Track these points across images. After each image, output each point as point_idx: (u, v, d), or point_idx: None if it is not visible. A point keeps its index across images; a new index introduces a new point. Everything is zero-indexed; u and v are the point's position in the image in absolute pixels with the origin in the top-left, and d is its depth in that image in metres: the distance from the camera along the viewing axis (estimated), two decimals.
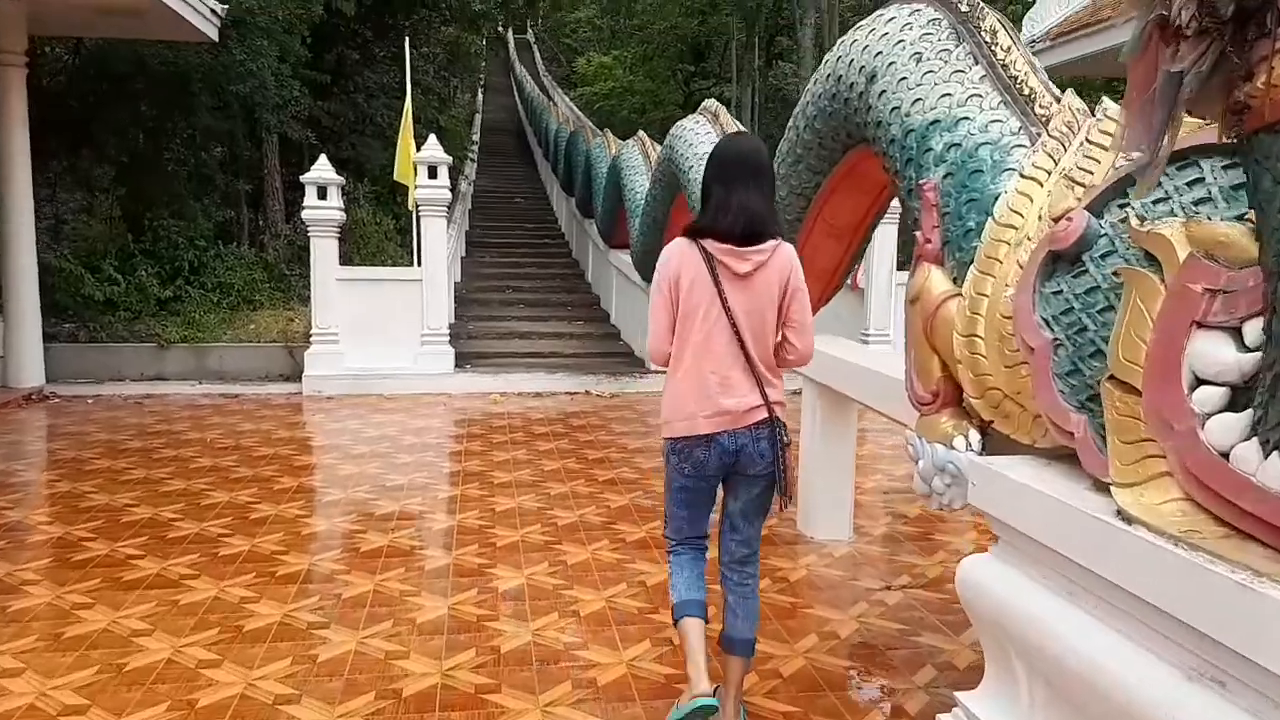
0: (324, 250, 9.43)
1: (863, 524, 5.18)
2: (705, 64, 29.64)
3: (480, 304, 13.46)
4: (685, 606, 2.98)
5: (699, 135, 7.17)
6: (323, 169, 9.44)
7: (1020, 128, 3.00)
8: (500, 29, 39.94)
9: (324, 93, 14.79)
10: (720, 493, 3.08)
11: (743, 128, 7.01)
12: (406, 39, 10.36)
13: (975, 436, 2.71)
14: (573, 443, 7.35)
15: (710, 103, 7.42)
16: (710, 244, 2.89)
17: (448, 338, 9.83)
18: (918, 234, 3.14)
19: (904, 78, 3.46)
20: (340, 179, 9.50)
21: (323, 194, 9.37)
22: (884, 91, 3.56)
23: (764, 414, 2.91)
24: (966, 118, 3.12)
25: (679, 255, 2.94)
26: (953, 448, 2.73)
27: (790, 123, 4.79)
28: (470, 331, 11.96)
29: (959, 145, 3.08)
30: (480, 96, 32.68)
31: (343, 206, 9.55)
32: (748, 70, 23.72)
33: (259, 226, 13.70)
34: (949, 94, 3.24)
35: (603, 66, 30.01)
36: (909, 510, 5.61)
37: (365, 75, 15.00)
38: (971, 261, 2.82)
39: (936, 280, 2.96)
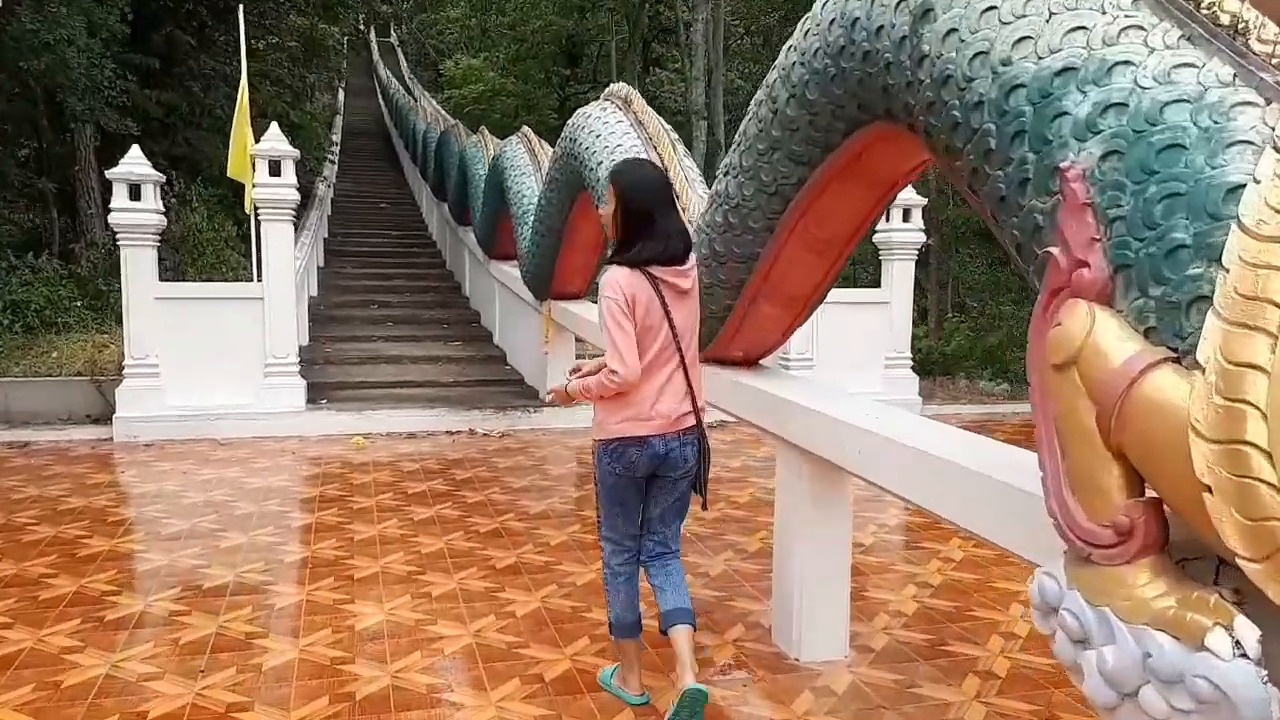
0: (139, 262, 7.67)
1: (859, 631, 3.96)
2: (580, 68, 28.45)
3: (340, 322, 11.79)
4: (627, 629, 3.30)
5: (608, 125, 5.88)
6: (135, 162, 7.68)
7: (1234, 76, 1.81)
8: (362, 27, 37.87)
9: (153, 79, 12.82)
10: None
11: (653, 113, 5.79)
12: (240, 6, 8.64)
13: (1250, 633, 1.48)
14: (458, 506, 5.91)
15: (619, 86, 6.15)
16: (655, 268, 3.14)
17: (297, 367, 8.20)
18: (1051, 252, 1.92)
19: (992, 6, 2.24)
20: (157, 175, 7.76)
21: (136, 193, 7.62)
22: (952, 31, 2.34)
23: (692, 420, 3.24)
24: (1126, 62, 1.92)
25: (628, 281, 3.11)
26: (1204, 648, 1.50)
27: (758, 99, 3.55)
28: (328, 355, 10.31)
29: (1124, 107, 1.87)
30: (342, 97, 30.92)
31: (162, 209, 7.81)
32: (628, 74, 22.58)
33: (72, 233, 11.62)
34: (1084, 27, 2.04)
35: (471, 69, 28.42)
36: (901, 602, 4.44)
37: (202, 61, 13.09)
38: (1195, 301, 1.62)
39: (1113, 334, 1.73)
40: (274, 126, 8.14)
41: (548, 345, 8.59)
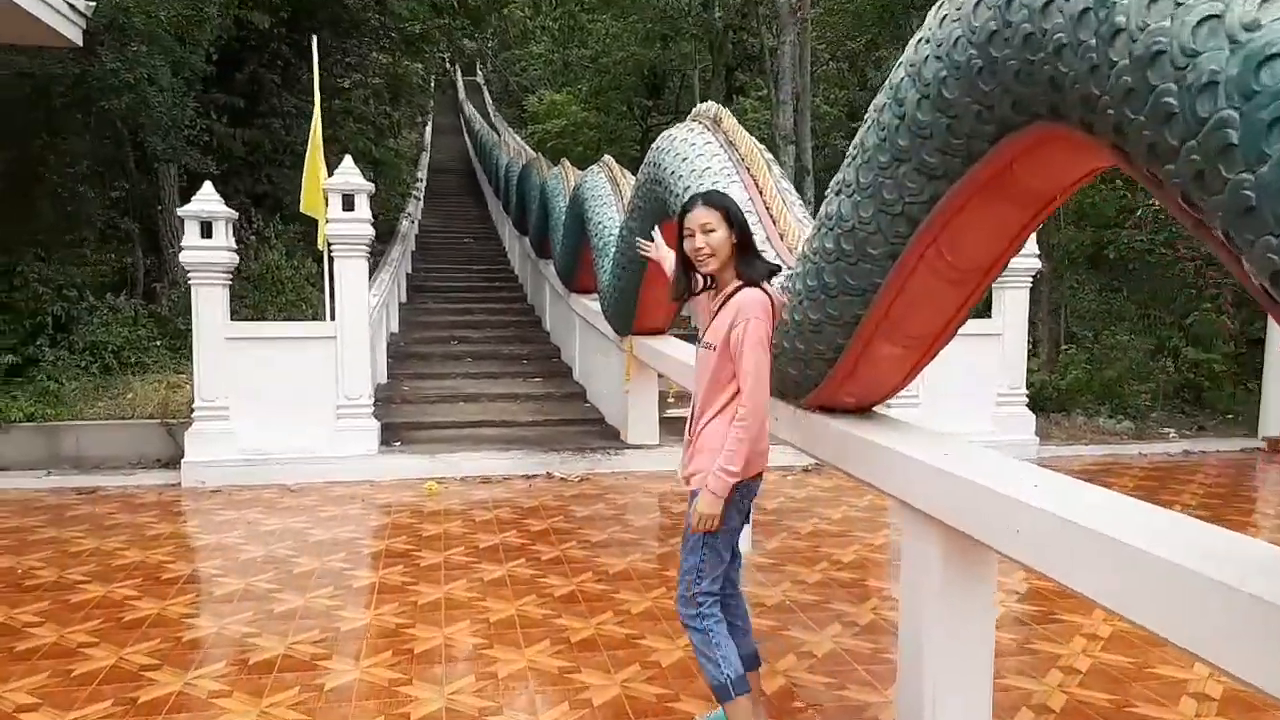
0: (209, 301, 7.43)
1: None
2: (663, 99, 28.22)
3: (419, 359, 11.52)
4: (744, 683, 2.99)
5: (694, 147, 5.38)
6: (207, 199, 7.46)
7: None
8: (447, 63, 38.54)
9: (237, 118, 12.85)
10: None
11: (745, 133, 5.28)
12: (315, 38, 8.43)
13: None
14: (531, 563, 5.40)
15: (708, 106, 5.65)
16: (773, 291, 3.13)
17: (370, 409, 7.84)
18: None
19: None
20: (229, 212, 7.53)
21: (208, 231, 7.40)
22: None
23: None
24: None
25: (770, 306, 3.05)
26: None
27: (879, 104, 3.00)
28: (405, 394, 9.99)
29: None
30: (429, 135, 31.47)
31: (234, 246, 7.57)
32: (712, 101, 22.15)
33: (156, 273, 11.61)
34: None
35: (554, 104, 28.49)
36: (1045, 694, 3.76)
37: (284, 99, 13.06)
38: None
39: None
40: (348, 159, 7.86)
41: (629, 384, 8.08)
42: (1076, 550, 2.25)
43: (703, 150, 5.30)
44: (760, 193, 4.83)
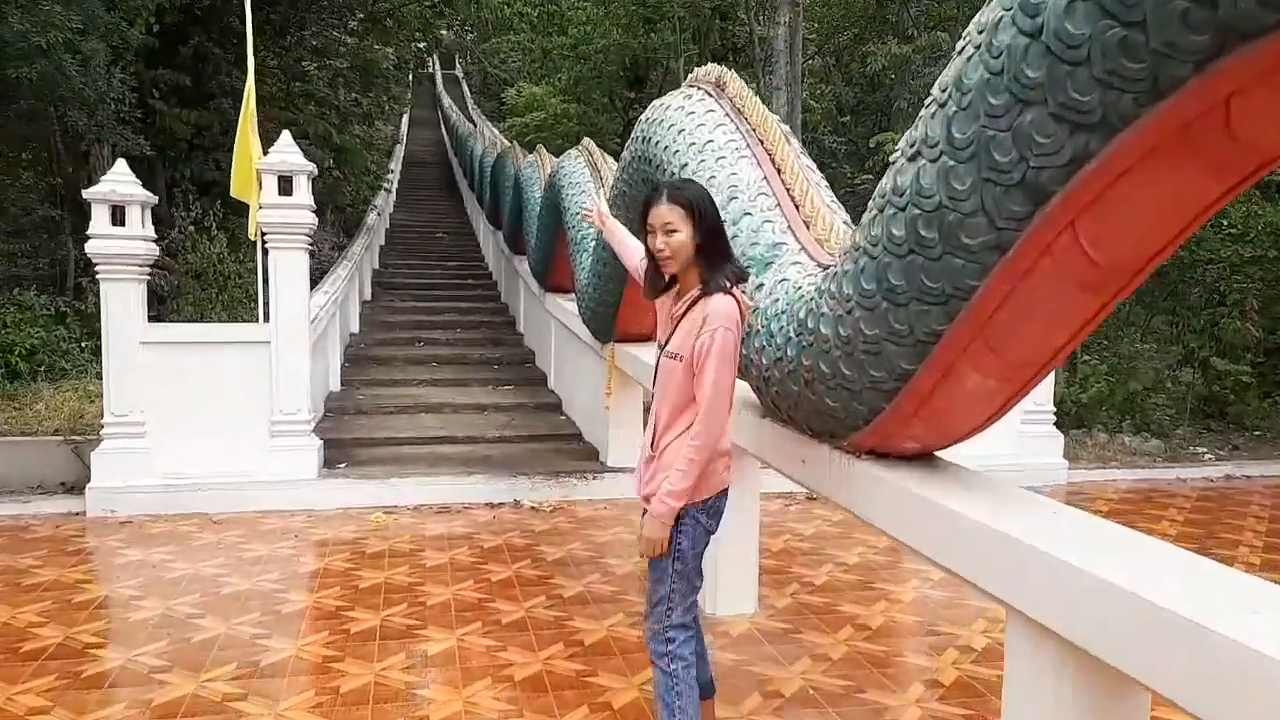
0: (122, 299, 6.37)
1: None
2: (644, 91, 27.23)
3: (379, 364, 10.48)
4: None
5: (694, 117, 4.40)
6: (119, 179, 6.39)
7: None
8: (424, 53, 37.53)
9: (184, 97, 11.76)
10: None
11: (756, 99, 4.33)
12: None
13: None
14: (490, 628, 4.39)
15: (710, 68, 4.66)
16: (742, 296, 2.74)
17: (310, 425, 6.79)
18: None
19: None
20: (147, 195, 6.46)
21: (119, 217, 6.34)
22: None
23: None
24: None
25: (739, 315, 2.70)
26: None
27: (989, 19, 2.02)
28: (358, 404, 8.95)
29: None
30: (405, 128, 30.65)
31: (151, 235, 6.50)
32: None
33: (87, 267, 10.50)
34: None
35: (534, 96, 27.49)
36: None
37: (235, 76, 11.94)
38: None
39: None
40: (285, 135, 6.80)
41: (610, 398, 7.08)
42: None
43: (703, 120, 4.32)
44: (779, 171, 3.85)
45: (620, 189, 5.41)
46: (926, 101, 2.30)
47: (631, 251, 3.35)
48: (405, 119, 31.81)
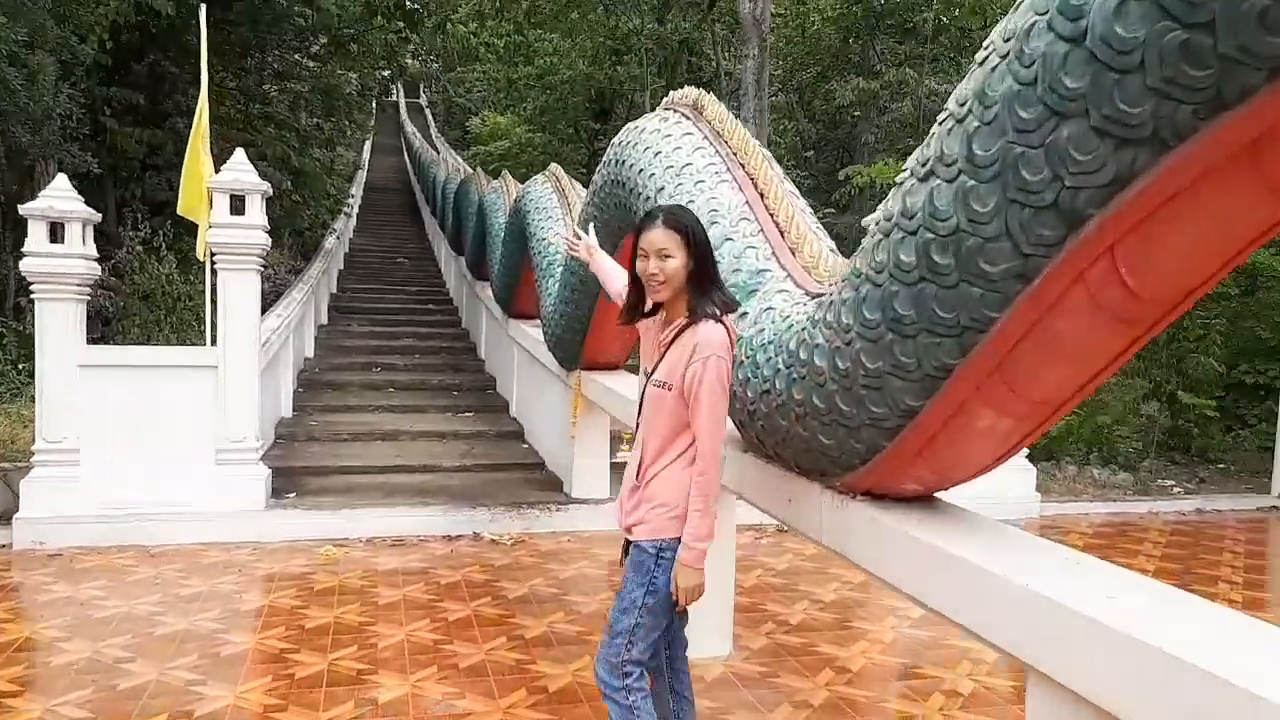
0: (58, 319, 6.02)
1: None
2: (609, 124, 27.25)
3: (334, 389, 10.14)
4: None
5: (671, 140, 4.22)
6: (59, 195, 6.06)
7: None
8: (389, 81, 37.42)
9: (139, 116, 11.40)
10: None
11: (737, 122, 4.17)
12: (203, 7, 7.05)
13: None
14: (445, 673, 4.10)
15: (686, 91, 4.49)
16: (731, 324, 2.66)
17: (258, 452, 6.46)
18: None
19: None
20: (89, 212, 6.13)
21: (58, 234, 6.01)
22: None
23: None
24: None
25: (730, 342, 2.61)
26: None
27: (1016, 26, 1.85)
28: (310, 430, 8.61)
29: None
30: (368, 154, 30.52)
31: (93, 254, 6.17)
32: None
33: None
34: None
35: (498, 125, 27.39)
36: None
37: (191, 95, 11.63)
38: None
39: None
40: (239, 153, 6.52)
41: (575, 427, 6.84)
42: None
43: (680, 143, 4.14)
44: (762, 195, 3.67)
45: (590, 213, 5.21)
46: (940, 117, 2.13)
47: (615, 279, 3.25)
48: (368, 145, 31.60)
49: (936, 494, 2.76)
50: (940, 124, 2.11)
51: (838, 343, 2.49)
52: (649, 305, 2.77)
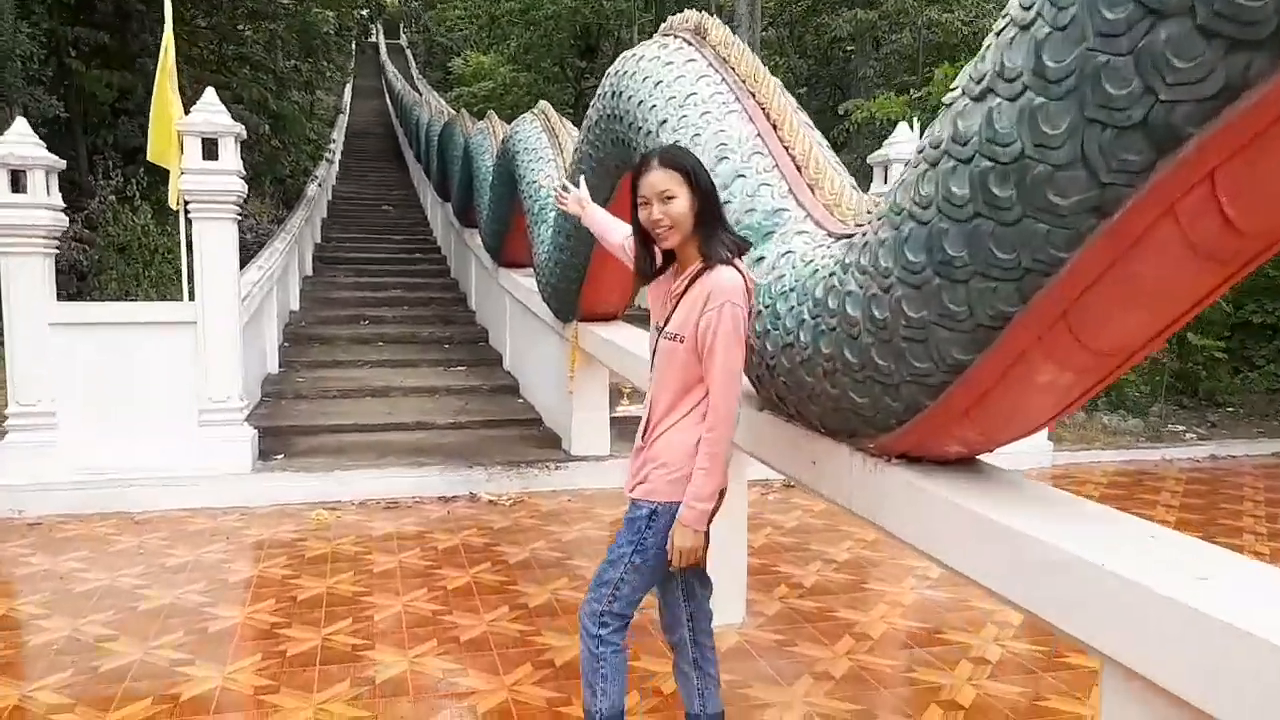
0: (25, 275, 5.70)
1: None
2: (597, 61, 26.58)
3: (321, 344, 9.86)
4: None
5: (672, 68, 3.89)
6: (18, 139, 5.69)
7: None
8: (369, 24, 36.52)
9: (106, 58, 10.91)
10: None
11: (746, 49, 3.86)
12: None
13: None
14: (445, 645, 3.89)
15: (688, 15, 4.14)
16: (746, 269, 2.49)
17: (242, 412, 6.20)
18: None
19: None
20: (52, 159, 5.77)
21: (19, 183, 5.66)
22: None
23: None
24: None
25: (745, 288, 2.44)
26: None
27: None
28: (298, 388, 8.34)
29: None
30: (349, 98, 29.85)
31: (59, 204, 5.83)
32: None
33: None
34: None
35: (481, 66, 26.71)
36: None
37: (160, 37, 11.14)
38: None
39: None
40: (209, 93, 6.14)
41: (573, 381, 6.58)
42: None
43: (683, 71, 3.81)
44: (775, 127, 3.37)
45: (585, 151, 4.89)
46: (998, 24, 1.83)
47: (614, 232, 3.06)
48: (348, 89, 30.87)
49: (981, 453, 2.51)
50: (998, 33, 1.81)
51: (874, 289, 2.22)
52: (660, 259, 2.59)
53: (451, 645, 3.84)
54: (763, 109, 3.45)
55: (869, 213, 2.76)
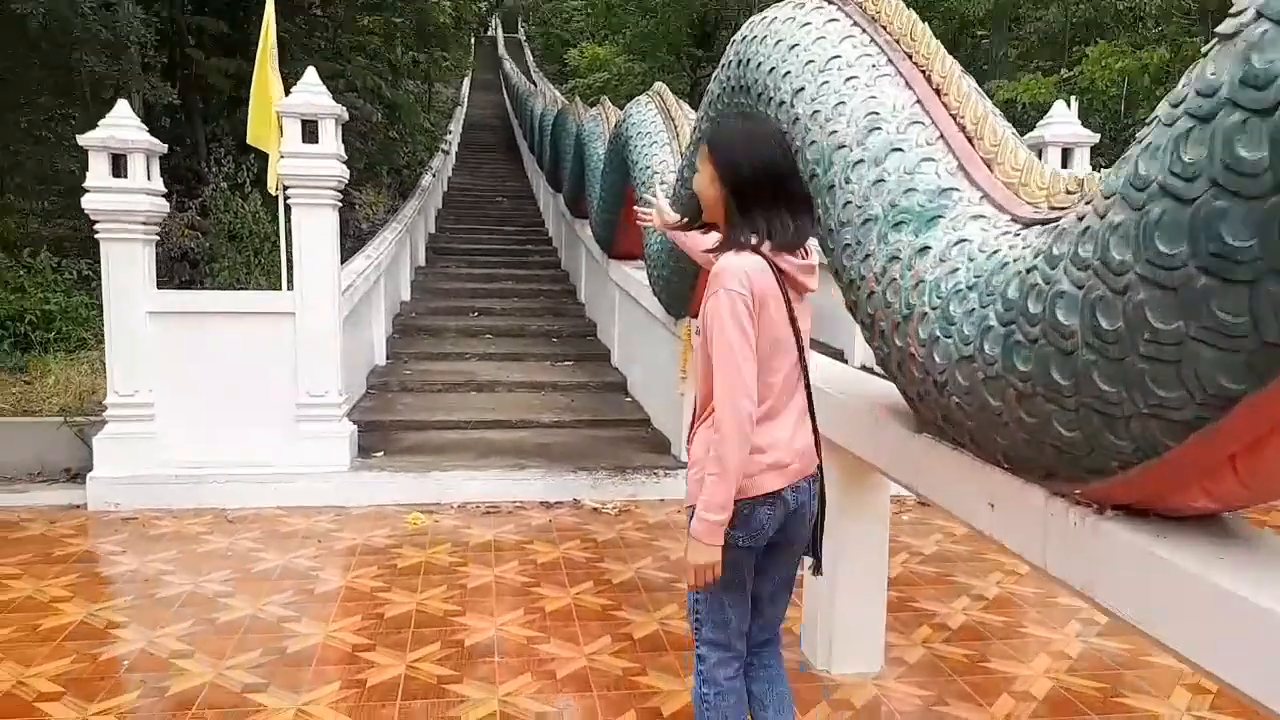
0: (125, 262, 5.56)
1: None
2: (713, 50, 26.00)
3: (430, 335, 9.68)
4: None
5: (810, 29, 3.35)
6: (119, 122, 5.55)
7: None
8: (481, 7, 36.86)
9: (227, 47, 10.97)
10: None
11: (902, 5, 3.29)
12: None
13: None
14: (540, 681, 3.47)
15: None
16: (784, 258, 2.18)
17: (341, 409, 5.94)
18: None
19: None
20: (154, 143, 5.60)
21: (119, 168, 5.51)
22: None
23: (816, 457, 2.31)
24: None
25: (760, 275, 2.13)
26: None
27: None
28: (404, 380, 8.13)
29: None
30: (467, 90, 30.20)
31: (159, 189, 5.66)
32: None
33: None
34: None
35: (596, 56, 26.48)
36: None
37: (280, 23, 11.13)
38: None
39: None
40: (310, 72, 5.88)
41: (683, 382, 6.10)
42: None
43: (823, 31, 3.27)
44: (938, 92, 2.80)
45: (706, 130, 4.39)
46: None
47: (700, 241, 2.69)
48: (466, 82, 31.21)
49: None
50: None
51: (1100, 290, 1.66)
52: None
53: (547, 682, 3.42)
54: (922, 72, 2.89)
55: (1070, 193, 2.19)
